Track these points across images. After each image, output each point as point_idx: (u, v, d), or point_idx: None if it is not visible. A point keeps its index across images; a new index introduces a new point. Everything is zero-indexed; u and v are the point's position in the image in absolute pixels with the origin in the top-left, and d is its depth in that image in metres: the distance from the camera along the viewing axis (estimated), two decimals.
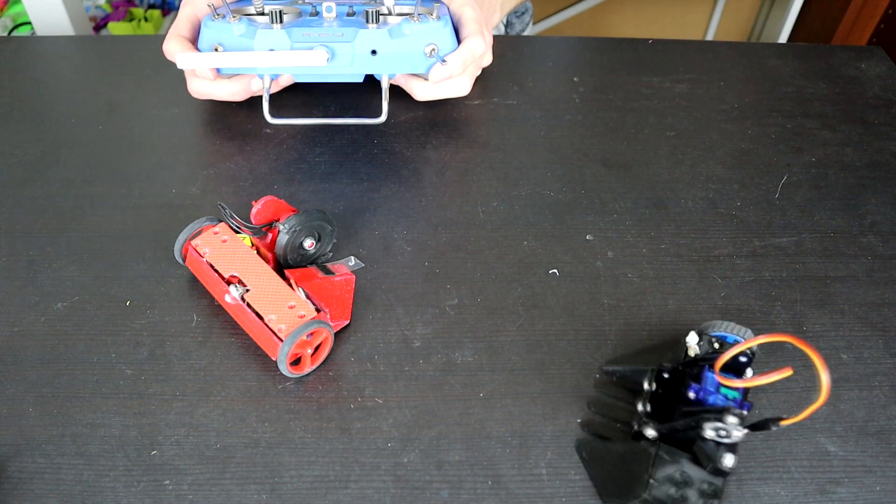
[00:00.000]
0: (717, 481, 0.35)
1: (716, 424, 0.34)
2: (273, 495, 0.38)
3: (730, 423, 0.34)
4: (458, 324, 0.46)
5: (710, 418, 0.35)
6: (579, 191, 0.55)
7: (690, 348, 0.40)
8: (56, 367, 0.43)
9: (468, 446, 0.40)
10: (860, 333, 0.46)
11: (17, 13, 1.21)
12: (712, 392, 0.37)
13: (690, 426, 0.36)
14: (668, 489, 0.35)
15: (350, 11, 0.55)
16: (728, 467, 0.34)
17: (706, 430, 0.35)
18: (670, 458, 0.35)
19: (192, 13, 0.57)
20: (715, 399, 0.37)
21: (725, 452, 0.34)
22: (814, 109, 0.64)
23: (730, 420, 0.34)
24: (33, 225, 0.51)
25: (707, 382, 0.37)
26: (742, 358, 0.38)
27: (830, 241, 0.52)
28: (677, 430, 0.36)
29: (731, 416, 0.34)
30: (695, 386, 0.37)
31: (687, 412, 0.36)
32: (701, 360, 0.38)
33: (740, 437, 0.34)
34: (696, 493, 0.35)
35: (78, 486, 0.38)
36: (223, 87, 0.56)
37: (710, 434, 0.35)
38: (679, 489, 0.35)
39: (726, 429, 0.34)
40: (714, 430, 0.35)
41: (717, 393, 0.37)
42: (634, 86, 0.66)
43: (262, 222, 0.46)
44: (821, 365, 0.30)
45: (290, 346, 0.40)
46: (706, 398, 0.37)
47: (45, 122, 0.60)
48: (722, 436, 0.35)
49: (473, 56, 0.55)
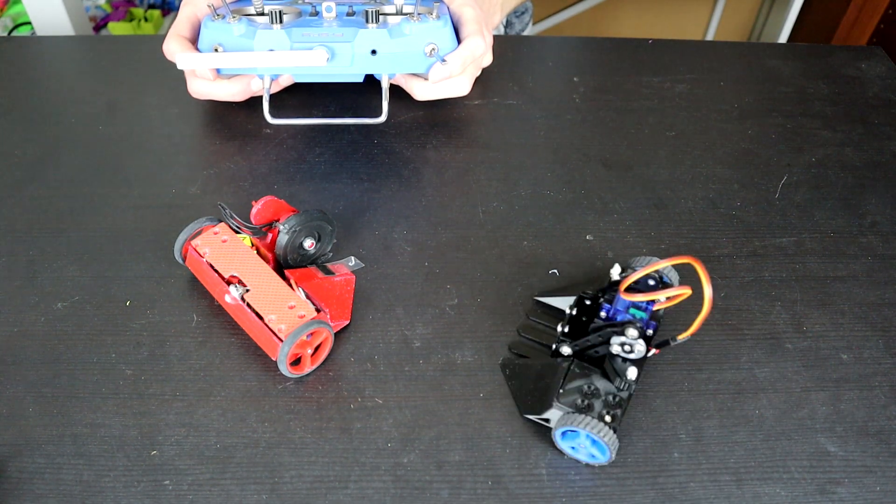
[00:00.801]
0: (622, 394, 0.39)
1: (621, 339, 0.39)
2: (273, 495, 0.38)
3: (630, 336, 0.38)
4: (458, 324, 0.46)
5: (615, 332, 0.39)
6: (579, 191, 0.55)
7: (613, 278, 0.43)
8: (56, 367, 0.43)
9: (468, 446, 0.40)
10: (860, 333, 0.46)
11: (17, 13, 1.21)
12: (621, 312, 0.41)
13: (599, 342, 0.40)
14: (575, 399, 0.39)
15: (350, 11, 0.55)
16: (631, 380, 0.38)
17: (613, 345, 0.39)
18: (581, 371, 0.40)
19: (192, 13, 0.57)
20: (623, 317, 0.41)
21: (630, 366, 0.38)
22: (814, 109, 0.64)
23: (630, 332, 0.38)
24: (33, 225, 0.51)
25: (618, 304, 0.41)
26: (650, 282, 0.43)
27: (830, 241, 0.52)
28: (589, 347, 0.41)
29: (632, 328, 0.38)
30: (606, 306, 0.42)
31: (595, 328, 0.41)
32: (615, 285, 0.43)
33: (643, 353, 0.39)
34: (602, 402, 0.38)
35: (78, 486, 0.38)
36: (223, 87, 0.56)
37: (616, 350, 0.39)
38: (586, 399, 0.38)
39: (631, 344, 0.38)
40: (620, 346, 0.39)
41: (625, 313, 0.41)
42: (634, 86, 0.66)
43: (262, 222, 0.46)
44: (705, 279, 0.34)
45: (290, 346, 0.40)
46: (615, 317, 0.41)
47: (45, 122, 0.60)
48: (627, 352, 0.39)
49: (473, 56, 0.55)
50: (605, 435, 0.37)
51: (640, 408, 0.42)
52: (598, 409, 0.38)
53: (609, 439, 0.37)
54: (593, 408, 0.38)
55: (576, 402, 0.38)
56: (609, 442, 0.37)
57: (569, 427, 0.37)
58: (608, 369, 0.39)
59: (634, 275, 0.39)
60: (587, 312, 0.43)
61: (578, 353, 0.41)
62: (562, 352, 0.41)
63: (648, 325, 0.41)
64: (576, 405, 0.38)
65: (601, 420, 0.37)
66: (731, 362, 0.44)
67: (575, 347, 0.41)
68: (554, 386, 0.39)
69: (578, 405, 0.38)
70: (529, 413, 0.40)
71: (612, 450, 0.37)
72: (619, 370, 0.39)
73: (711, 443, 0.40)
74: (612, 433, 0.37)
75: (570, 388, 0.39)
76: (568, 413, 0.38)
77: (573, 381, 0.39)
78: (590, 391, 0.39)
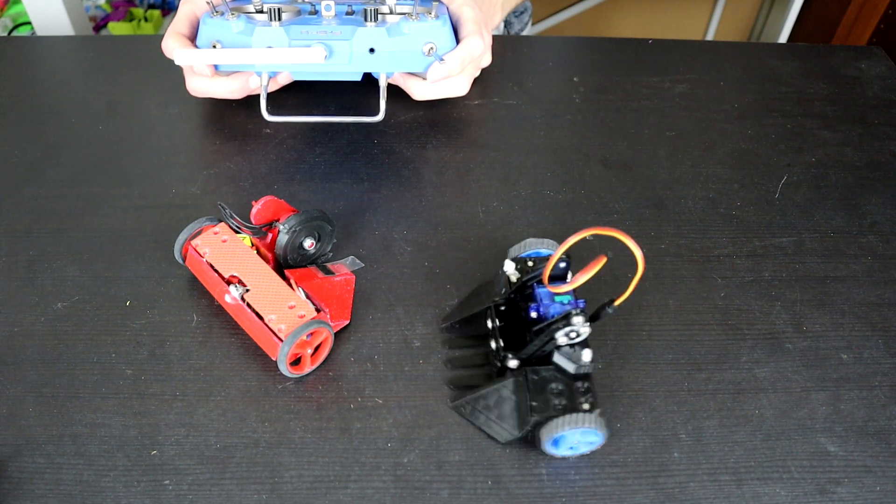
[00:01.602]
0: (586, 379, 0.39)
1: (566, 329, 0.38)
2: (273, 495, 0.38)
3: (577, 323, 0.38)
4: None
5: (560, 327, 0.38)
6: (579, 191, 0.55)
7: (511, 275, 0.42)
8: (56, 367, 0.43)
9: (468, 446, 0.40)
10: (860, 333, 0.46)
11: (17, 13, 1.21)
12: (549, 304, 0.40)
13: (545, 342, 0.39)
14: (551, 402, 0.38)
15: (349, 10, 0.55)
16: (588, 361, 0.38)
17: (559, 338, 0.38)
18: (539, 377, 0.39)
19: (191, 11, 0.57)
20: (555, 310, 0.40)
21: (581, 350, 0.39)
22: (814, 109, 0.64)
23: (577, 320, 0.38)
24: (33, 225, 0.51)
25: (542, 298, 0.41)
26: (561, 264, 0.41)
27: (830, 241, 0.52)
28: (535, 351, 0.40)
29: (576, 317, 0.38)
30: (533, 305, 0.41)
31: (538, 331, 0.40)
32: (528, 282, 0.42)
33: (588, 332, 0.38)
34: (575, 395, 0.38)
35: (78, 486, 0.38)
36: (221, 84, 0.56)
37: (563, 340, 0.39)
38: (560, 398, 0.38)
39: (575, 329, 0.38)
40: (565, 335, 0.38)
41: (553, 303, 0.40)
42: (634, 86, 0.66)
43: (261, 222, 0.46)
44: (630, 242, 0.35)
45: (289, 346, 0.40)
46: (547, 312, 0.40)
47: (45, 122, 0.60)
48: (573, 337, 0.38)
49: (472, 55, 0.55)
50: (595, 423, 0.37)
51: (640, 408, 0.42)
52: (573, 402, 0.38)
53: (599, 424, 0.37)
54: (572, 404, 0.38)
55: (554, 404, 0.38)
56: (599, 426, 0.37)
57: (558, 434, 0.37)
58: (560, 362, 0.39)
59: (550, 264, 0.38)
60: (506, 318, 0.42)
61: (525, 360, 0.40)
62: (510, 367, 0.40)
63: (578, 304, 0.40)
64: (555, 408, 0.38)
65: (582, 411, 0.37)
66: (731, 362, 0.44)
67: (522, 357, 0.40)
68: (523, 402, 0.39)
69: (557, 406, 0.38)
70: (512, 438, 0.39)
71: (605, 431, 0.37)
72: (575, 358, 0.39)
73: (711, 443, 0.40)
74: (598, 416, 0.37)
75: (539, 396, 0.38)
76: (550, 420, 0.37)
77: (539, 389, 0.39)
78: (558, 390, 0.39)
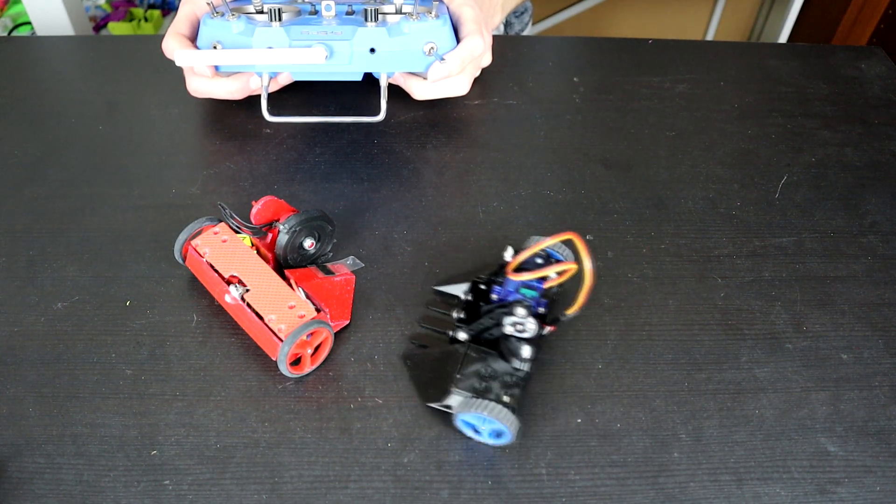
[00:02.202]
0: (519, 373, 0.39)
1: (513, 319, 0.39)
2: (273, 495, 0.38)
3: (519, 315, 0.38)
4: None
5: (504, 312, 0.39)
6: (579, 191, 0.55)
7: (505, 260, 0.43)
8: (56, 367, 0.43)
9: (468, 446, 0.40)
10: (860, 333, 0.46)
11: (17, 13, 1.21)
12: (512, 292, 0.41)
13: (492, 324, 0.40)
14: (473, 382, 0.39)
15: (349, 10, 0.55)
16: (526, 358, 0.39)
17: (505, 326, 0.39)
18: (477, 355, 0.40)
19: (192, 11, 0.57)
20: (514, 298, 0.41)
21: (524, 345, 0.39)
22: (814, 109, 0.64)
23: (519, 311, 0.38)
24: (33, 225, 0.51)
25: (508, 285, 0.42)
26: (538, 260, 0.43)
27: (830, 241, 0.52)
28: (484, 330, 0.41)
29: (520, 307, 0.39)
30: (497, 288, 0.42)
31: (487, 311, 0.41)
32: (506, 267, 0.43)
33: (535, 331, 0.39)
34: (500, 384, 0.39)
35: (78, 486, 0.38)
36: (222, 85, 0.56)
37: (509, 330, 0.39)
38: (484, 381, 0.39)
39: (522, 323, 0.39)
40: (512, 326, 0.39)
41: (516, 293, 0.41)
42: (634, 86, 0.66)
43: (261, 222, 0.46)
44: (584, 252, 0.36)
45: (289, 346, 0.40)
46: (506, 298, 0.41)
47: (45, 122, 0.60)
48: (520, 331, 0.39)
49: (472, 55, 0.55)
50: (504, 416, 0.37)
51: (640, 408, 0.42)
52: (496, 390, 0.38)
53: (508, 420, 0.37)
54: (492, 390, 0.38)
55: (474, 386, 0.39)
56: (508, 422, 0.37)
57: (468, 413, 0.37)
58: (504, 350, 0.40)
59: (521, 255, 0.39)
60: (482, 297, 0.43)
61: (475, 337, 0.41)
62: (458, 338, 0.41)
63: (539, 303, 0.41)
64: (474, 389, 0.39)
65: (499, 402, 0.38)
66: (731, 362, 0.44)
67: (471, 332, 0.41)
68: (452, 371, 0.40)
69: (477, 389, 0.39)
70: (431, 401, 0.40)
71: (512, 430, 0.37)
72: (514, 350, 0.39)
73: (711, 443, 0.40)
74: (511, 413, 0.37)
75: (467, 372, 0.39)
76: (467, 398, 0.38)
77: (470, 365, 0.40)
78: (487, 374, 0.39)
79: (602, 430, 0.41)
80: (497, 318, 0.40)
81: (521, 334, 0.39)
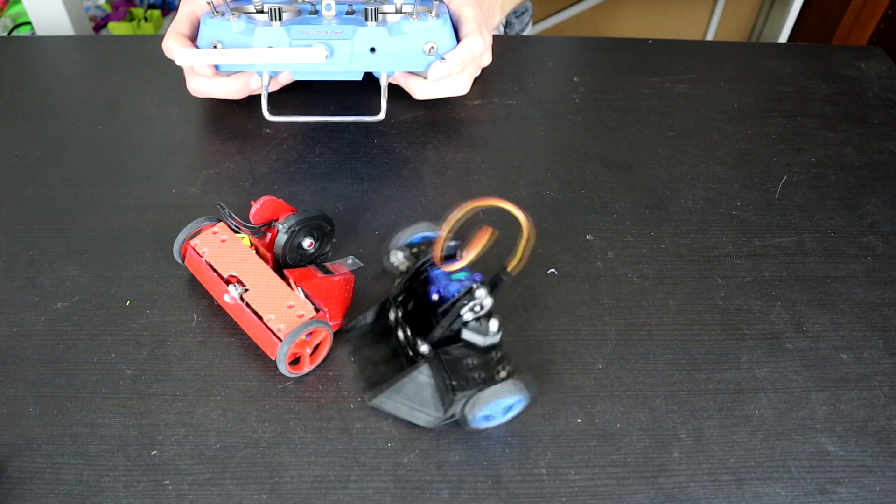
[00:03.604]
0: (496, 345, 0.39)
1: (470, 304, 0.38)
2: (273, 495, 0.38)
3: (480, 296, 0.38)
4: None
5: (465, 302, 0.39)
6: (579, 191, 0.55)
7: (401, 265, 0.43)
8: (56, 367, 0.43)
9: (468, 446, 0.40)
10: (860, 333, 0.46)
11: (17, 13, 1.21)
12: (448, 283, 0.40)
13: (452, 320, 0.39)
14: (470, 377, 0.39)
15: (349, 10, 0.55)
16: (496, 330, 0.39)
17: (464, 314, 0.39)
18: (452, 356, 0.39)
19: (192, 11, 0.57)
20: (454, 288, 0.40)
21: (487, 321, 0.39)
22: (814, 109, 0.64)
23: (479, 293, 0.38)
24: (33, 225, 0.51)
25: (440, 279, 0.41)
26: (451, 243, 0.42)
27: (830, 241, 0.52)
28: (445, 332, 0.40)
29: (478, 289, 0.38)
30: (433, 288, 0.41)
31: (443, 311, 0.40)
32: (421, 267, 0.42)
33: (491, 303, 0.39)
34: (491, 366, 0.39)
35: (78, 486, 0.38)
36: (222, 84, 0.56)
37: (469, 316, 0.39)
38: (478, 372, 0.39)
39: (479, 302, 0.39)
40: (470, 310, 0.39)
41: (451, 282, 0.40)
42: (634, 86, 0.66)
43: (260, 222, 0.46)
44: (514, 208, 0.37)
45: (288, 345, 0.40)
46: (448, 292, 0.40)
47: (45, 122, 0.60)
48: (477, 311, 0.39)
49: (472, 54, 0.55)
50: (516, 387, 0.37)
51: (640, 408, 0.42)
52: (491, 374, 0.39)
53: (519, 388, 0.38)
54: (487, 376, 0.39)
55: (473, 378, 0.39)
56: (521, 389, 0.38)
57: (486, 407, 0.38)
58: (469, 337, 0.39)
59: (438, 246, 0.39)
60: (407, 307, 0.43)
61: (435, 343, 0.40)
62: (422, 352, 0.40)
63: (475, 276, 0.41)
64: (475, 381, 0.38)
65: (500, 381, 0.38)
66: (731, 362, 0.44)
67: (432, 340, 0.40)
68: (442, 382, 0.39)
69: (477, 380, 0.38)
70: (438, 422, 0.39)
71: (529, 391, 0.38)
72: (483, 330, 0.39)
73: (711, 443, 0.40)
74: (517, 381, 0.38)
75: (458, 375, 0.39)
76: (472, 396, 0.38)
77: (455, 367, 0.39)
78: (473, 365, 0.39)
79: (602, 430, 0.41)
80: (457, 312, 0.39)
81: (479, 314, 0.39)
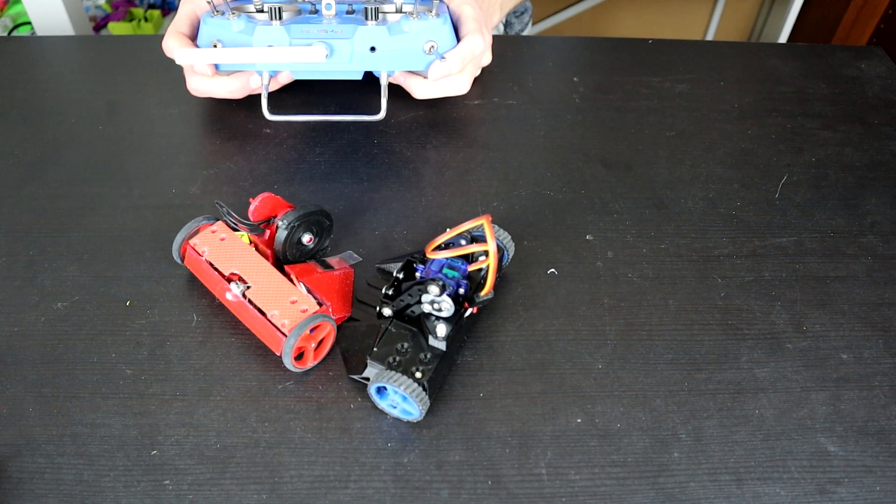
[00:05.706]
0: (436, 351, 0.40)
1: (431, 298, 0.40)
2: (273, 495, 0.38)
3: (433, 293, 0.39)
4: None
5: (421, 289, 0.40)
6: (579, 191, 0.55)
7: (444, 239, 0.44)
8: (56, 367, 0.43)
9: (468, 446, 0.40)
10: (860, 333, 0.46)
11: (17, 13, 1.21)
12: (434, 272, 0.42)
13: (414, 301, 0.41)
14: (389, 356, 0.40)
15: (349, 9, 0.55)
16: (441, 336, 0.40)
17: (424, 304, 0.40)
18: (397, 331, 0.41)
19: (192, 10, 0.57)
20: (434, 277, 0.41)
21: (440, 323, 0.40)
22: (814, 109, 0.64)
23: (432, 289, 0.39)
24: (33, 225, 0.51)
25: (432, 265, 0.42)
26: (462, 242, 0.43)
27: (830, 241, 0.52)
28: (406, 307, 0.42)
29: (433, 286, 0.39)
30: (421, 267, 0.43)
31: (406, 288, 0.41)
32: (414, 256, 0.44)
33: (450, 310, 0.40)
34: (415, 360, 0.40)
35: (78, 486, 0.38)
36: (222, 84, 0.56)
37: (428, 308, 0.40)
38: (398, 357, 0.40)
39: (439, 302, 0.40)
40: (430, 304, 0.40)
41: (437, 272, 0.41)
42: (634, 86, 0.66)
43: (259, 219, 0.46)
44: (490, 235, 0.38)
45: (294, 340, 0.40)
46: (426, 276, 0.41)
47: (45, 122, 0.60)
48: (438, 310, 0.40)
49: (472, 54, 0.55)
50: (413, 391, 0.38)
51: (640, 408, 0.42)
52: (409, 366, 0.39)
53: (416, 395, 0.38)
54: (405, 365, 0.40)
55: (389, 359, 0.40)
56: (416, 397, 0.38)
57: (379, 384, 0.39)
58: (424, 328, 0.41)
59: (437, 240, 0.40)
60: (411, 276, 0.44)
61: (398, 313, 0.42)
62: (383, 313, 0.42)
63: (459, 284, 0.41)
64: (388, 363, 0.40)
65: (411, 377, 0.39)
66: (731, 362, 0.44)
67: (394, 308, 0.42)
68: (372, 345, 0.41)
69: (391, 363, 0.40)
70: (352, 373, 0.42)
71: (420, 405, 0.38)
72: (430, 328, 0.40)
73: (711, 443, 0.40)
74: (420, 389, 0.38)
75: (384, 346, 0.40)
76: (381, 371, 0.39)
77: (389, 340, 0.41)
78: (403, 350, 0.40)
79: (602, 430, 0.41)
80: (415, 296, 0.41)
81: (438, 313, 0.40)
